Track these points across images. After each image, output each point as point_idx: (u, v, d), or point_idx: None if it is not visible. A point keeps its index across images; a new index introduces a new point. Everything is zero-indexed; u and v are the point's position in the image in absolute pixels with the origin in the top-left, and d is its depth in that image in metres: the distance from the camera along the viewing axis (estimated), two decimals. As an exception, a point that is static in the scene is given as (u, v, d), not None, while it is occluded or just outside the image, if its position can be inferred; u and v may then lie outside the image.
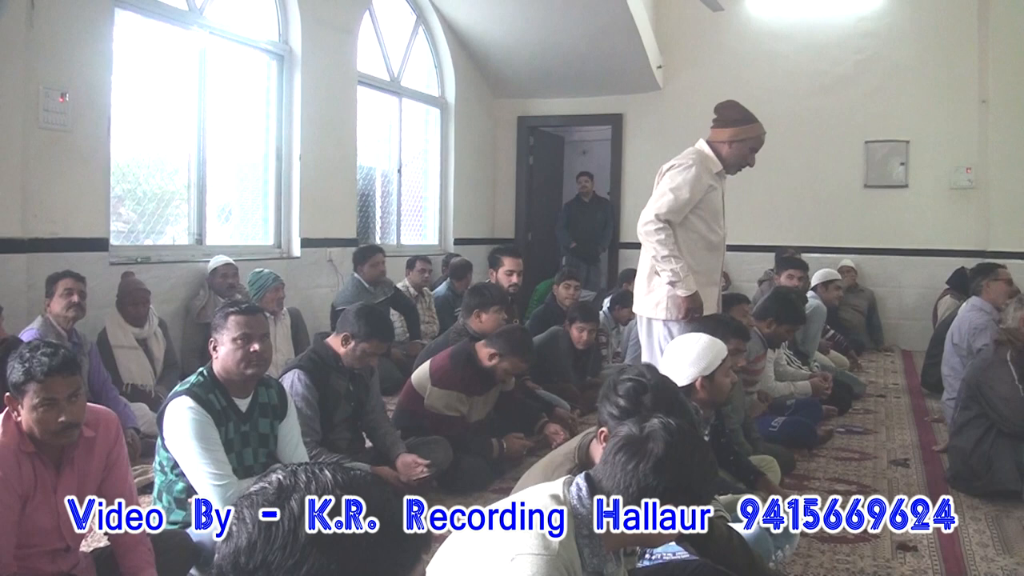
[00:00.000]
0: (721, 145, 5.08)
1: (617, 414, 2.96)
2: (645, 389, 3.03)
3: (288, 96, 8.13)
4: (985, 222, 10.27)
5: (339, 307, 7.49)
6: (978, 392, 4.96)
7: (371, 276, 7.91)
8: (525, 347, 5.21)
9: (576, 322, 6.97)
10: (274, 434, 3.64)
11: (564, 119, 12.50)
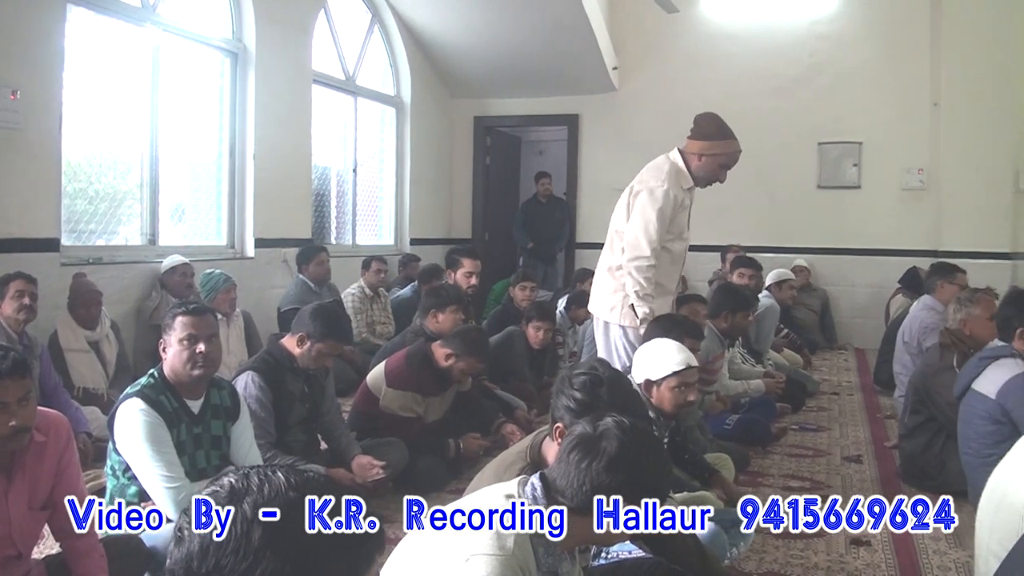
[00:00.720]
0: (692, 157, 5.05)
1: (574, 407, 2.95)
2: (601, 382, 3.04)
3: (242, 94, 8.05)
4: (936, 222, 10.42)
5: (285, 309, 7.47)
6: (927, 397, 5.02)
7: (316, 276, 7.87)
8: (481, 347, 5.20)
9: (532, 321, 6.98)
10: (227, 436, 3.60)
11: (521, 119, 12.50)
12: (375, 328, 8.32)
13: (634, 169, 11.49)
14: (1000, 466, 2.84)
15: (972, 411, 4.50)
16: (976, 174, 10.09)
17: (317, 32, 9.09)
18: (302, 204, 8.90)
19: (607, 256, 5.19)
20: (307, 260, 7.91)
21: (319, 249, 8.07)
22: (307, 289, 7.77)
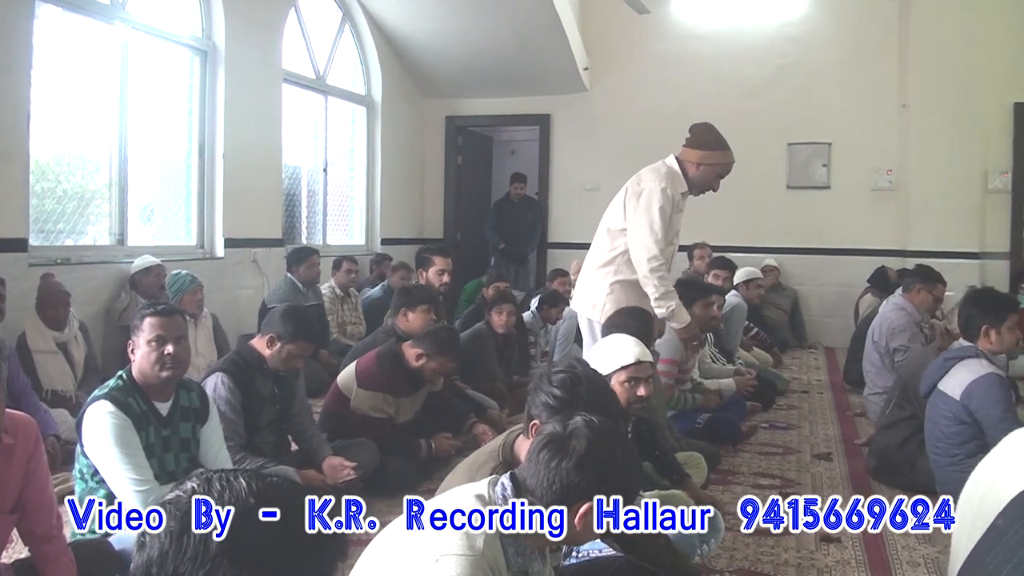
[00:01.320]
0: (689, 165, 5.10)
1: (553, 403, 2.96)
2: (580, 380, 3.04)
3: (211, 93, 7.99)
4: (905, 222, 10.51)
5: (271, 305, 7.40)
6: (915, 395, 5.05)
7: (307, 278, 7.88)
8: (452, 347, 5.20)
9: (496, 306, 7.05)
10: (196, 438, 3.57)
11: (492, 119, 12.51)
12: (346, 329, 8.31)
13: (606, 169, 11.66)
14: (983, 463, 2.86)
15: (938, 411, 4.56)
16: (944, 175, 10.20)
17: (287, 30, 9.03)
18: (272, 204, 8.85)
19: (596, 254, 5.22)
20: (299, 262, 7.91)
21: (312, 251, 8.08)
22: (295, 289, 7.77)
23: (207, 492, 1.32)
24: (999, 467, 2.68)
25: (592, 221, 11.47)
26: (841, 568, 3.92)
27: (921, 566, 3.93)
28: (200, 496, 1.32)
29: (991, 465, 2.79)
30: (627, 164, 11.19)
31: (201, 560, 1.26)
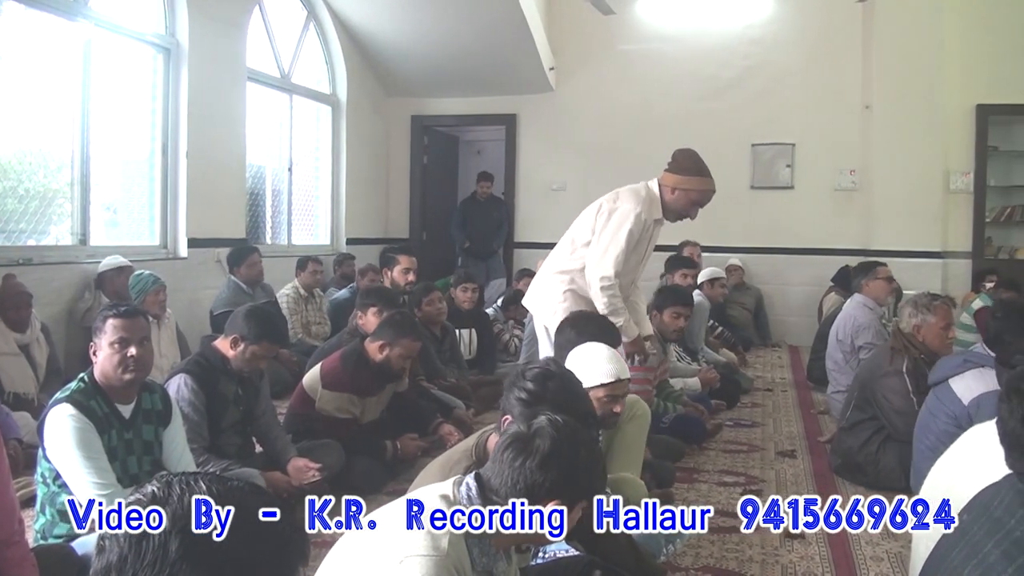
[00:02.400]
0: (666, 189, 5.03)
1: (526, 397, 2.98)
2: (551, 376, 3.06)
3: (175, 91, 7.91)
4: (868, 222, 10.61)
5: (217, 311, 7.35)
6: (873, 398, 5.08)
7: (248, 277, 7.75)
8: (411, 327, 5.16)
9: (460, 284, 7.46)
10: (159, 441, 3.54)
11: (458, 119, 12.49)
12: (311, 329, 8.26)
13: (572, 169, 11.70)
14: (943, 460, 2.88)
15: (940, 405, 4.45)
16: (907, 175, 10.31)
17: (252, 29, 8.98)
18: (236, 203, 8.78)
19: (557, 259, 5.20)
20: (238, 262, 7.79)
21: (251, 250, 7.95)
22: (239, 291, 7.64)
23: (167, 496, 1.31)
24: (960, 464, 2.71)
25: (559, 220, 11.51)
26: (805, 564, 3.94)
27: (884, 561, 3.97)
28: (154, 507, 1.30)
29: (951, 462, 2.81)
30: (593, 164, 11.38)
31: (160, 565, 1.25)
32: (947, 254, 10.44)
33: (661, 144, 10.97)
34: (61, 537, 3.29)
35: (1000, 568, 1.93)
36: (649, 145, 11.00)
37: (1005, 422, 2.10)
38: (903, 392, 4.99)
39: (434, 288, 7.16)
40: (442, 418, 5.84)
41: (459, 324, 7.46)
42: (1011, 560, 1.92)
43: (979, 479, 2.24)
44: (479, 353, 7.66)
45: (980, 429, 2.79)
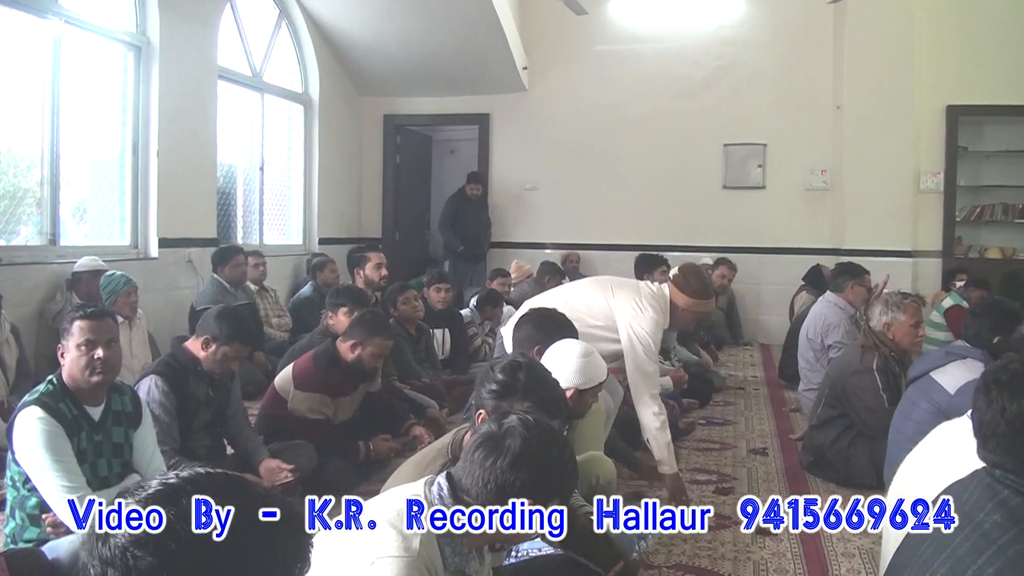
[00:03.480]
0: (677, 308, 4.82)
1: (497, 389, 3.00)
2: (520, 367, 3.07)
3: (146, 89, 7.83)
4: (839, 222, 10.69)
5: (199, 307, 7.29)
6: (843, 395, 5.12)
7: (232, 277, 7.74)
8: (382, 326, 5.15)
9: (434, 284, 7.44)
10: (129, 443, 3.51)
11: (431, 118, 12.45)
12: (271, 321, 8.22)
13: (545, 168, 11.75)
14: (913, 457, 2.90)
15: (923, 395, 4.46)
16: (877, 175, 10.38)
17: (223, 27, 8.91)
18: (207, 203, 8.70)
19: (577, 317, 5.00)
20: (223, 261, 7.77)
21: (236, 251, 7.94)
22: (222, 290, 7.64)
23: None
24: (929, 459, 2.73)
25: (532, 220, 11.61)
26: (777, 560, 3.97)
27: (856, 557, 4.01)
28: None
29: (920, 458, 2.83)
30: (566, 164, 11.39)
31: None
32: (917, 253, 10.53)
33: (634, 144, 11.18)
34: (31, 541, 3.26)
35: (969, 560, 1.95)
36: (622, 145, 11.10)
37: (982, 413, 2.12)
38: (873, 389, 5.04)
39: (409, 287, 7.15)
40: (415, 419, 5.82)
41: (432, 324, 7.44)
42: (980, 552, 1.93)
43: (948, 475, 2.26)
44: (452, 353, 7.64)
45: (948, 427, 2.82)
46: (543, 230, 11.66)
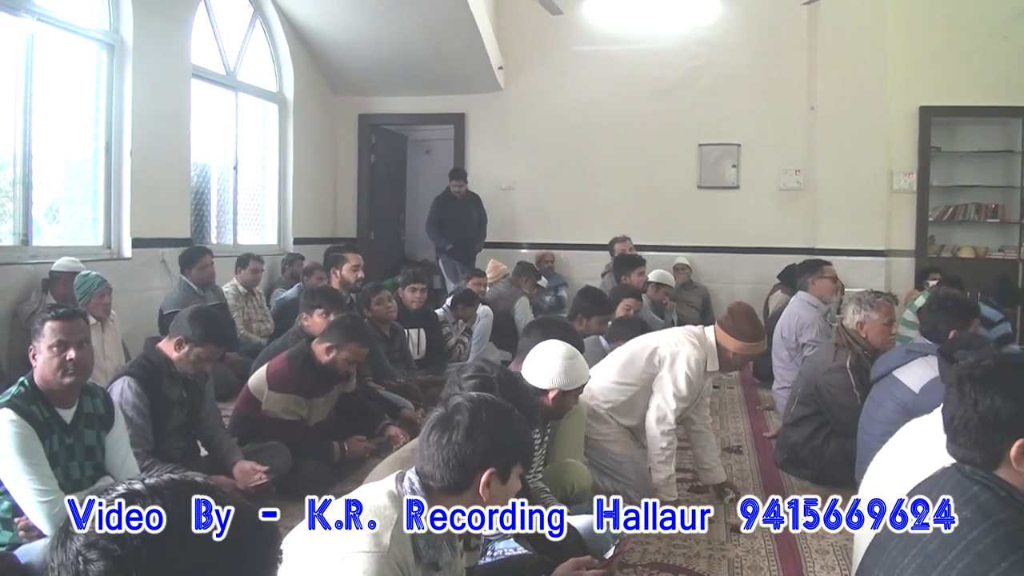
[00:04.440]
0: (726, 351, 4.68)
1: None
2: (492, 385, 3.07)
3: (119, 88, 7.78)
4: (812, 221, 10.76)
5: (167, 311, 7.23)
6: (817, 393, 5.15)
7: (199, 279, 7.65)
8: (359, 332, 5.14)
9: (408, 284, 7.43)
10: (101, 445, 3.48)
11: (406, 117, 12.41)
12: (252, 326, 8.19)
13: (521, 168, 11.76)
14: (883, 453, 2.92)
15: (887, 394, 4.52)
16: (851, 175, 10.46)
17: (197, 25, 8.86)
18: (181, 203, 8.66)
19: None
20: (190, 263, 7.69)
21: (204, 251, 7.86)
22: (190, 292, 7.54)
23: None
24: (898, 458, 2.74)
25: (508, 220, 11.58)
26: (751, 557, 4.00)
27: (830, 553, 4.05)
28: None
29: (890, 457, 2.85)
30: (542, 163, 11.41)
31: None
32: (891, 252, 10.61)
33: (609, 144, 11.20)
34: (4, 545, 3.23)
35: (939, 556, 1.96)
36: (598, 145, 11.11)
37: (954, 408, 2.13)
38: (846, 387, 5.08)
39: (382, 287, 7.13)
40: (389, 419, 5.81)
41: (407, 324, 7.42)
42: (950, 548, 1.95)
43: (918, 473, 2.27)
44: (428, 353, 7.63)
45: (916, 424, 2.84)
46: (519, 230, 11.67)
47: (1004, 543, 1.88)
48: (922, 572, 1.98)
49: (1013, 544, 1.87)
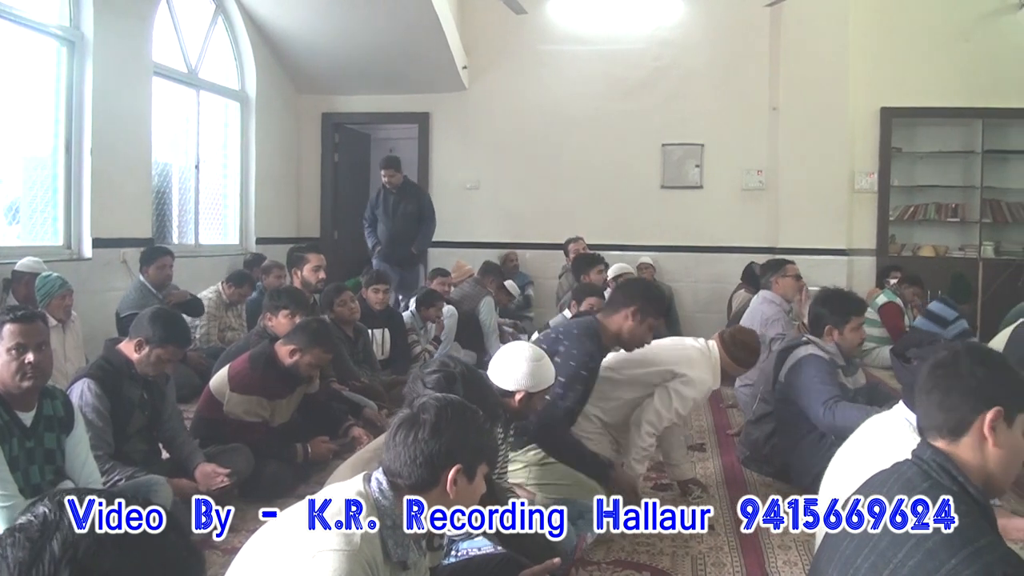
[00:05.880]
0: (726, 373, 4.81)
1: (434, 390, 2.97)
2: (455, 379, 3.07)
3: (79, 85, 7.70)
4: (774, 221, 10.85)
5: (124, 313, 7.15)
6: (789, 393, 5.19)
7: (157, 279, 7.50)
8: (325, 337, 5.11)
9: (372, 285, 7.47)
10: (61, 449, 3.44)
11: (370, 116, 12.38)
12: (225, 335, 8.04)
13: (485, 167, 11.78)
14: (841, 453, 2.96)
15: (780, 400, 4.79)
16: (813, 175, 10.57)
17: (158, 22, 8.79)
18: (142, 202, 8.57)
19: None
20: (149, 262, 7.55)
21: (164, 251, 7.72)
22: (147, 293, 7.39)
23: (58, 519, 1.27)
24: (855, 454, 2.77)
25: (473, 219, 11.58)
26: (715, 554, 4.03)
27: (792, 548, 4.09)
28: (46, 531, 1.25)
29: (848, 454, 2.88)
30: (507, 163, 11.40)
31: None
32: (852, 251, 10.73)
33: (574, 144, 11.22)
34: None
35: (891, 554, 1.96)
36: (562, 145, 11.14)
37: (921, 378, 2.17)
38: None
39: (345, 288, 7.09)
40: (353, 419, 5.79)
41: (371, 324, 7.39)
42: (900, 546, 1.95)
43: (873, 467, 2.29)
44: (392, 353, 7.60)
45: (873, 421, 2.87)
46: (483, 229, 11.65)
47: (954, 538, 1.88)
48: (875, 571, 1.99)
49: (963, 539, 1.87)
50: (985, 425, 2.06)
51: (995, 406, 2.06)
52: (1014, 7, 10.41)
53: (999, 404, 2.06)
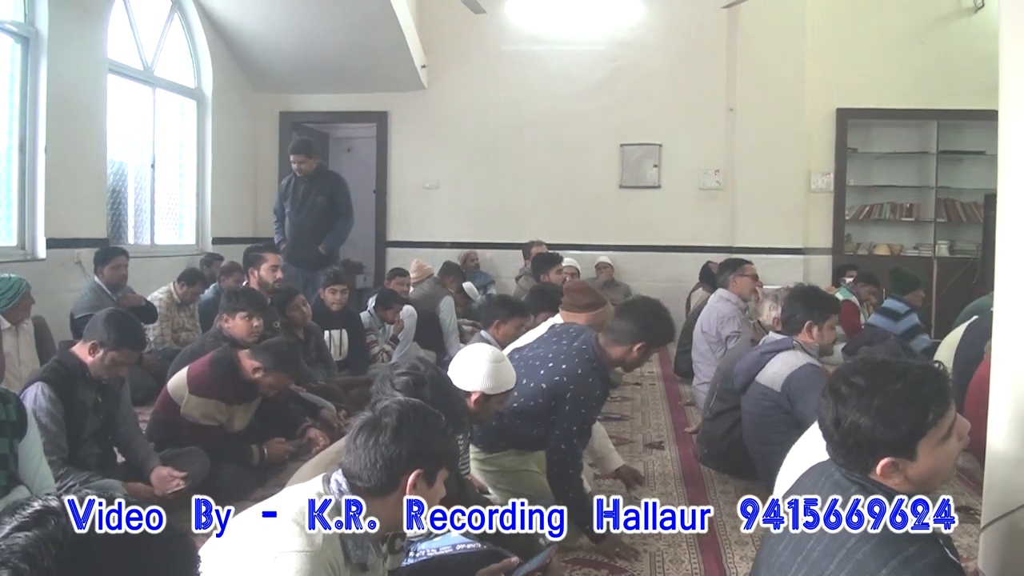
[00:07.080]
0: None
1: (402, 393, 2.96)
2: (423, 382, 3.05)
3: (33, 82, 7.59)
4: (731, 220, 10.96)
5: (79, 315, 7.04)
6: (733, 387, 5.22)
7: (111, 280, 7.42)
8: (291, 363, 5.07)
9: (329, 286, 7.44)
10: (14, 454, 3.37)
11: (328, 115, 12.32)
12: (179, 336, 7.94)
13: (444, 167, 11.77)
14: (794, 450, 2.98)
15: (757, 403, 4.74)
16: (770, 175, 10.68)
17: (113, 18, 8.68)
18: (97, 202, 8.48)
19: None
20: (103, 262, 7.46)
21: (118, 252, 7.64)
22: (102, 294, 7.31)
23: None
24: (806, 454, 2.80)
25: (432, 219, 11.58)
26: (672, 551, 4.06)
27: (749, 544, 4.13)
28: None
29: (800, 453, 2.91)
30: (466, 162, 11.41)
31: None
32: (808, 250, 10.86)
33: (532, 143, 11.24)
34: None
35: (824, 564, 1.97)
36: (521, 144, 11.16)
37: (822, 417, 2.18)
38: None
39: (296, 292, 7.02)
40: (310, 421, 5.75)
41: (329, 325, 7.34)
42: (832, 556, 1.96)
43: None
44: (351, 354, 7.55)
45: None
46: (443, 229, 11.64)
47: (883, 549, 1.90)
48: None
49: (892, 550, 1.89)
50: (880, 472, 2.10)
51: (883, 457, 2.09)
52: (968, 11, 10.58)
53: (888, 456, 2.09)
